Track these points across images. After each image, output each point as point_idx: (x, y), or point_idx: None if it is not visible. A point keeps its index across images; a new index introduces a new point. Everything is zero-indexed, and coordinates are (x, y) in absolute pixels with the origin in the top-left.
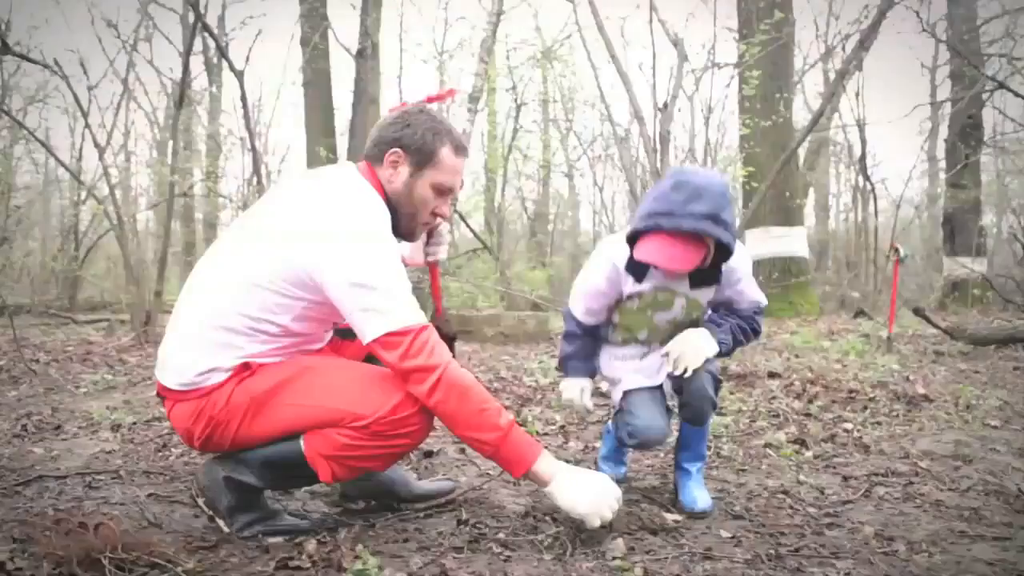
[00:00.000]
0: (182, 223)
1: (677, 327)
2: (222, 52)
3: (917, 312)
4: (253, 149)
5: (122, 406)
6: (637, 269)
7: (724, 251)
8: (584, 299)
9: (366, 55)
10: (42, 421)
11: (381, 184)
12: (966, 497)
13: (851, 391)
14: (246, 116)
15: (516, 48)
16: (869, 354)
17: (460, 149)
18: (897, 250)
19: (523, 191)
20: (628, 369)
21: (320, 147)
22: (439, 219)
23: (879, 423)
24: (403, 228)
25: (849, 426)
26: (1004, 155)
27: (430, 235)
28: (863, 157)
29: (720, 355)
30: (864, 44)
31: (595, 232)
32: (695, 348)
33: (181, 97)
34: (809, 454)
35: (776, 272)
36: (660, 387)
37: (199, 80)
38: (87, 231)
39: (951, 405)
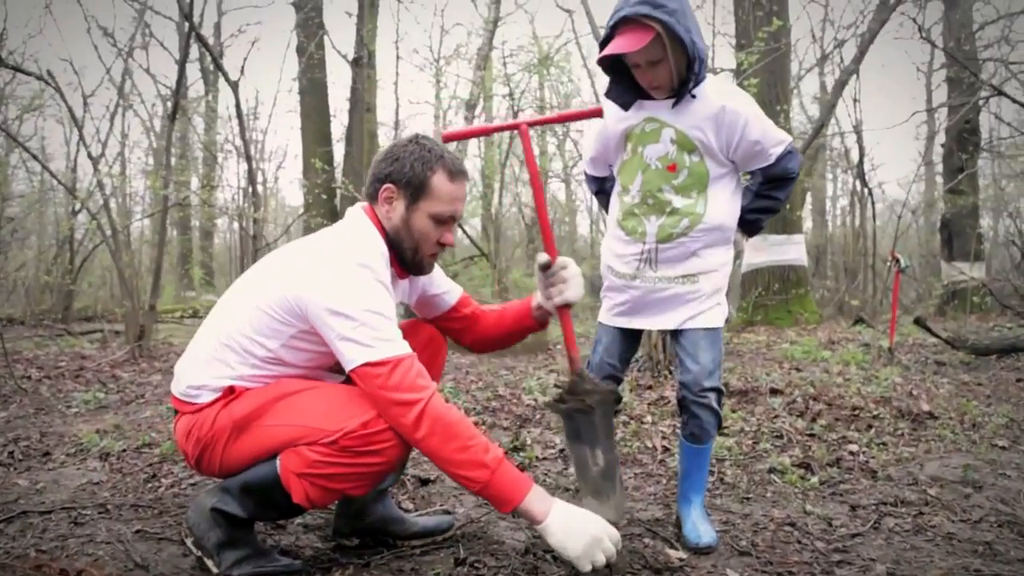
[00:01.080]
0: (179, 231)
1: (671, 180)
2: (216, 63)
3: (918, 322)
4: (248, 159)
5: (112, 430)
6: (619, 94)
7: (686, 54)
8: (589, 147)
9: (362, 64)
10: (29, 447)
11: (380, 222)
12: (978, 529)
13: (855, 408)
14: (241, 127)
15: (513, 54)
16: (870, 365)
17: (455, 174)
18: (897, 260)
19: (520, 197)
20: (617, 290)
21: (315, 158)
22: (446, 248)
23: (884, 444)
24: (409, 262)
25: (854, 448)
26: (1000, 159)
27: (546, 271)
28: (861, 163)
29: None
30: (862, 54)
31: (592, 238)
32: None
33: (175, 109)
34: (815, 479)
35: (775, 281)
36: (633, 332)
37: (196, 87)
38: (82, 242)
39: (956, 423)
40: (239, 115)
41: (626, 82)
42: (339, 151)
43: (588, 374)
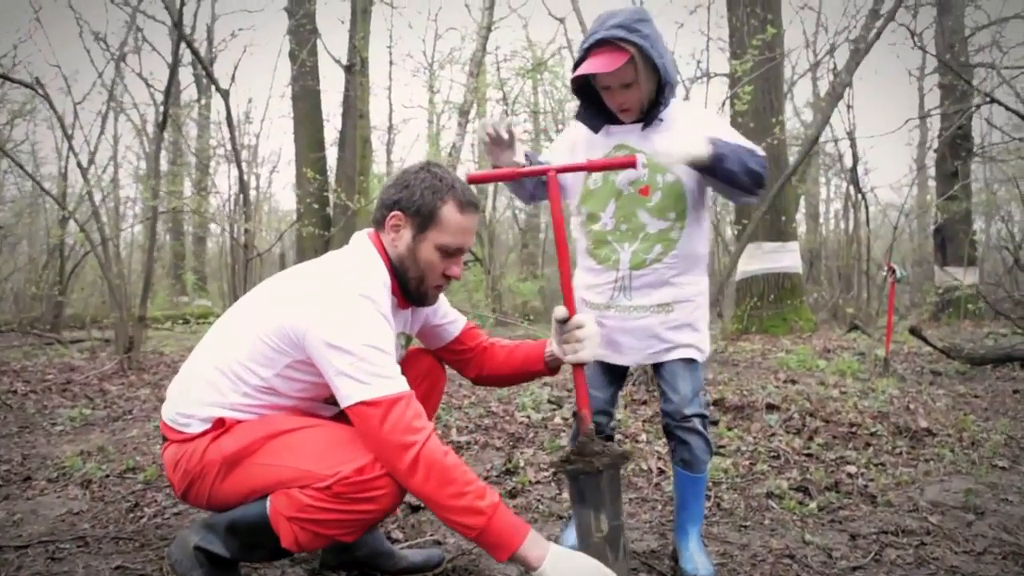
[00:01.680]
0: (171, 236)
1: (645, 203)
2: (207, 71)
3: (913, 332)
4: (239, 168)
5: (96, 452)
6: (589, 117)
7: (657, 77)
8: (554, 160)
9: (355, 70)
10: (11, 471)
11: (385, 249)
12: (982, 562)
13: (852, 425)
14: (232, 136)
15: (507, 59)
16: (866, 375)
17: (466, 206)
18: (893, 271)
19: (514, 202)
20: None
21: (308, 167)
22: (452, 280)
23: (883, 464)
24: (413, 292)
25: (853, 469)
26: (992, 163)
27: (562, 325)
28: (854, 168)
29: (713, 163)
30: (856, 64)
31: None
32: (677, 144)
33: (164, 118)
34: (813, 505)
35: (770, 289)
36: (617, 368)
37: (189, 91)
38: (72, 247)
39: (955, 441)
40: (230, 124)
41: (595, 106)
42: (333, 154)
43: (597, 436)
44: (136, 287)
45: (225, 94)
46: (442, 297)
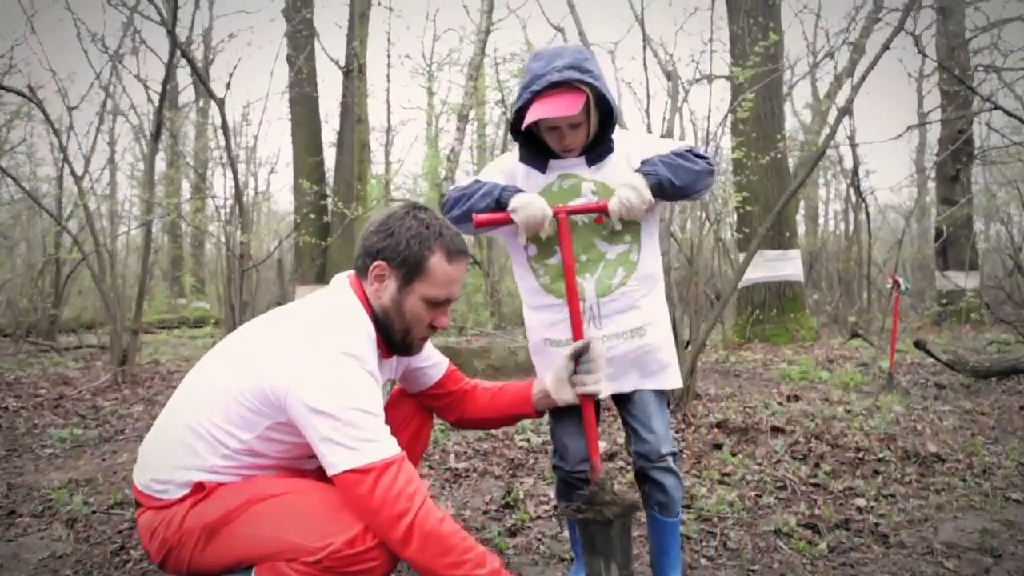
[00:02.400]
0: (169, 239)
1: (600, 231)
2: (201, 79)
3: (918, 345)
4: (235, 179)
5: (84, 483)
6: (534, 158)
7: (603, 113)
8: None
9: (352, 75)
10: None
11: (368, 299)
12: None
13: (859, 450)
14: (227, 144)
15: (505, 61)
16: (869, 386)
17: (455, 254)
18: (897, 283)
19: None
20: (554, 358)
21: (303, 178)
22: (439, 330)
23: (893, 496)
24: (398, 344)
25: (862, 503)
26: (992, 166)
27: (578, 359)
28: (855, 174)
29: (659, 193)
30: (863, 78)
31: None
32: (625, 200)
33: (158, 128)
34: (823, 545)
35: (771, 297)
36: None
37: (187, 92)
38: (67, 259)
39: (965, 468)
40: (225, 132)
41: (537, 146)
42: (332, 155)
43: (608, 484)
44: (133, 291)
45: (220, 102)
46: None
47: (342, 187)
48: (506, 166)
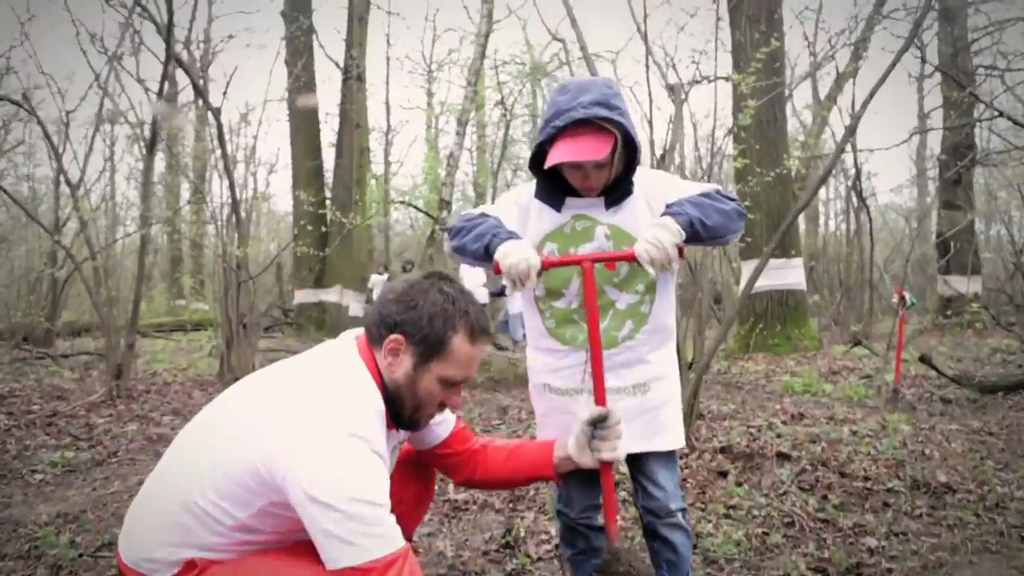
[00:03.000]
0: (168, 239)
1: (612, 278)
2: (197, 88)
3: (923, 360)
4: (232, 190)
5: (72, 521)
6: (551, 195)
7: (630, 151)
8: (505, 219)
9: (351, 84)
10: None
11: (379, 370)
12: None
13: (867, 479)
14: (224, 153)
15: (505, 63)
16: (874, 403)
17: (478, 335)
18: (903, 299)
19: None
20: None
21: (303, 186)
22: (449, 409)
23: (905, 534)
24: (405, 420)
25: (873, 543)
26: (993, 168)
27: (599, 424)
28: (857, 180)
29: (692, 236)
30: (871, 96)
31: None
32: (655, 242)
33: (152, 143)
34: None
35: (774, 305)
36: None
37: (186, 92)
38: (64, 265)
39: (977, 500)
40: (221, 142)
41: (555, 177)
42: (331, 156)
43: (623, 552)
44: (130, 298)
45: (216, 111)
46: None
47: (341, 191)
48: (521, 199)
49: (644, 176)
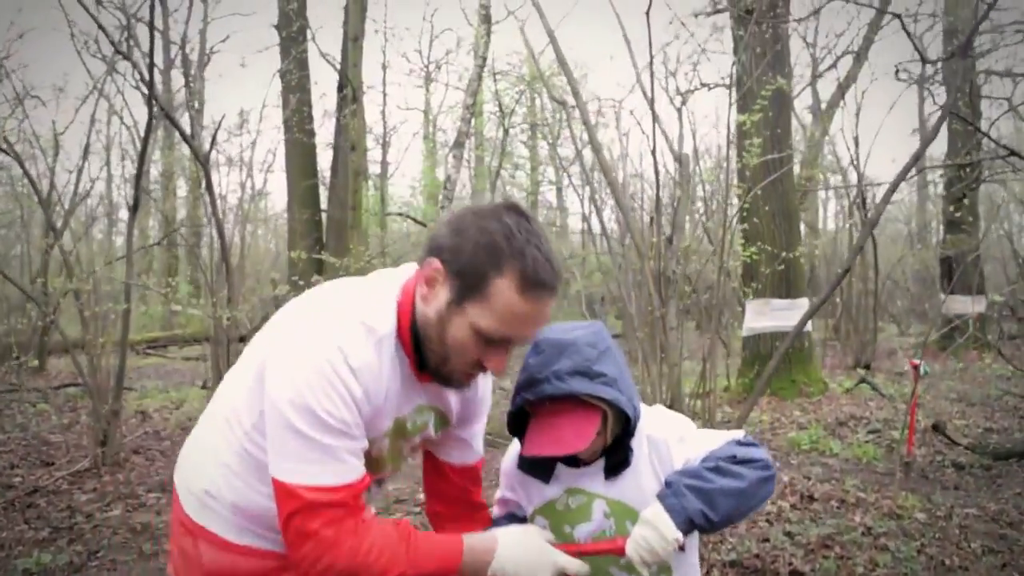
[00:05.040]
0: (163, 247)
1: (618, 560)
2: (183, 136)
3: (937, 429)
4: (223, 243)
5: None
6: (537, 466)
7: (623, 418)
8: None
9: (347, 103)
10: None
11: (413, 299)
12: None
13: None
14: (213, 206)
15: (504, 74)
16: (884, 468)
17: (532, 286)
18: (917, 368)
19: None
20: None
21: (299, 205)
22: (491, 371)
23: None
24: (432, 368)
25: None
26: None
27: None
28: (861, 198)
29: (697, 526)
30: (898, 182)
31: (582, 242)
32: (646, 545)
33: (136, 202)
34: None
35: (777, 346)
36: None
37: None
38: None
39: None
40: (210, 192)
41: None
42: (328, 156)
43: None
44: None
45: (204, 160)
46: (488, 397)
47: (336, 205)
48: (508, 468)
49: (649, 424)
